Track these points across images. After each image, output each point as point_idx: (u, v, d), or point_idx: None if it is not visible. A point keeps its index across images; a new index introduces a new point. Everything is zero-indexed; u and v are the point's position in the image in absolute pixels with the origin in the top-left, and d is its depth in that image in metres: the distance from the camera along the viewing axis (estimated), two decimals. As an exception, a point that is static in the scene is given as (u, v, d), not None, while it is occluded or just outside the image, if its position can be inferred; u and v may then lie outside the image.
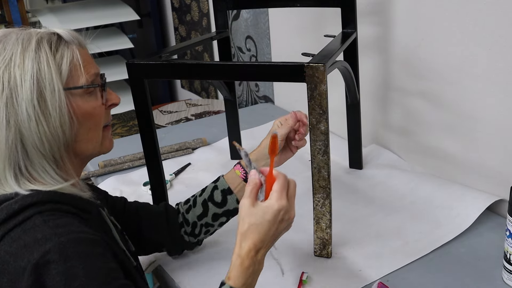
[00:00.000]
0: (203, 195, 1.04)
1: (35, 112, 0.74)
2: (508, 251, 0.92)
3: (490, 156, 1.17)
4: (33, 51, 0.75)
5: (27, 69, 0.74)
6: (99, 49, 2.55)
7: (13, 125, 0.73)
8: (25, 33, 0.77)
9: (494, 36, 1.08)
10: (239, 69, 1.00)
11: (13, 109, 0.73)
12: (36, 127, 0.74)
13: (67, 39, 0.80)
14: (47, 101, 0.74)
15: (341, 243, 1.08)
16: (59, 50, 0.78)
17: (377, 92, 1.44)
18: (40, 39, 0.77)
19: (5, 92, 0.73)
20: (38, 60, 0.75)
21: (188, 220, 1.03)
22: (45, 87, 0.74)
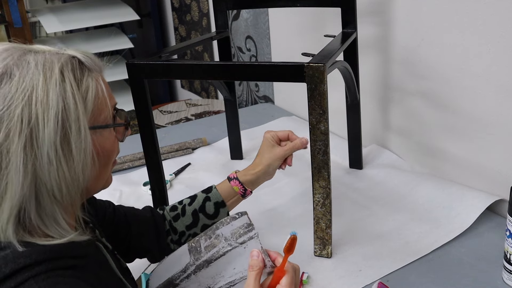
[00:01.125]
0: (193, 205, 1.01)
1: (57, 156, 0.63)
2: (508, 251, 0.92)
3: (490, 156, 1.17)
4: (58, 83, 0.64)
5: (51, 105, 0.63)
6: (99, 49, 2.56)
7: (30, 170, 0.62)
8: (44, 57, 0.65)
9: (494, 36, 1.08)
10: (239, 69, 1.00)
11: (32, 152, 0.62)
12: (56, 172, 0.63)
13: (89, 65, 0.70)
14: (71, 144, 0.64)
15: (341, 243, 1.08)
16: (84, 81, 0.68)
17: (377, 92, 1.44)
18: (63, 66, 0.66)
19: (24, 132, 0.61)
20: (63, 94, 0.64)
21: (176, 229, 1.00)
22: (71, 128, 0.64)
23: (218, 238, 0.84)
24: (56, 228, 0.66)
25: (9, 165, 0.61)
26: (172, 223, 1.01)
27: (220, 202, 1.02)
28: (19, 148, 0.61)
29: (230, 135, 1.51)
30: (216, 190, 1.03)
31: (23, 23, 2.35)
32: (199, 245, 0.86)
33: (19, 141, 0.61)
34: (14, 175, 0.61)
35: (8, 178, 0.61)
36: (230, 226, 0.84)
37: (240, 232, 0.83)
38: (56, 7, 2.82)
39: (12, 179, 0.61)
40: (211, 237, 0.85)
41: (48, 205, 0.65)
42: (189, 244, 0.88)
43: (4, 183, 0.62)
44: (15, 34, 2.36)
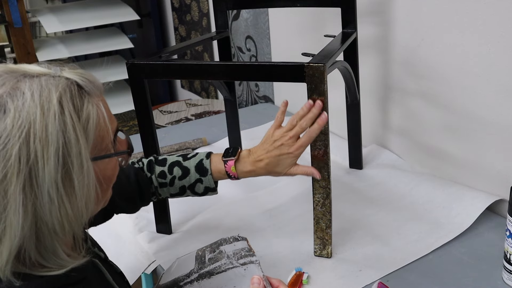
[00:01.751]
0: (184, 181, 1.00)
1: (59, 194, 0.59)
2: (508, 251, 0.92)
3: (490, 156, 1.17)
4: (57, 116, 0.59)
5: (50, 141, 0.58)
6: (99, 49, 2.56)
7: (30, 210, 0.58)
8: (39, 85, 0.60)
9: (494, 36, 1.08)
10: (239, 69, 1.00)
11: (32, 192, 0.58)
12: (58, 211, 0.60)
13: (88, 89, 0.64)
14: (74, 180, 0.60)
15: (341, 243, 1.08)
16: (84, 109, 0.62)
17: (377, 92, 1.44)
18: (61, 95, 0.60)
19: (22, 172, 0.57)
20: (63, 128, 0.59)
21: (160, 194, 1.03)
22: (72, 163, 0.60)
23: (221, 254, 0.86)
24: (55, 261, 0.63)
25: (8, 208, 0.57)
26: (158, 189, 1.02)
27: (212, 188, 1.01)
28: (18, 189, 0.57)
29: (230, 135, 1.51)
30: (210, 178, 1.00)
31: (23, 23, 2.35)
32: (204, 255, 0.88)
33: (18, 181, 0.57)
34: (13, 217, 0.57)
35: (6, 221, 0.58)
36: (233, 246, 0.86)
37: (242, 254, 0.84)
38: (56, 7, 2.82)
39: (11, 221, 0.58)
40: (215, 251, 0.87)
41: (49, 242, 0.61)
42: (197, 252, 0.90)
43: (2, 227, 0.58)
44: (15, 34, 2.36)
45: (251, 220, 1.21)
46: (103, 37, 2.64)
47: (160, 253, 1.11)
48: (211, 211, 1.26)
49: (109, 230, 1.24)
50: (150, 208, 1.20)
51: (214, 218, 1.22)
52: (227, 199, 1.31)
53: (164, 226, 1.18)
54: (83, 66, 0.69)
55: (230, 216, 1.23)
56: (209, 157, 1.01)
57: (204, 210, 1.26)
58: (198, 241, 1.12)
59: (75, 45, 2.57)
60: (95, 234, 1.27)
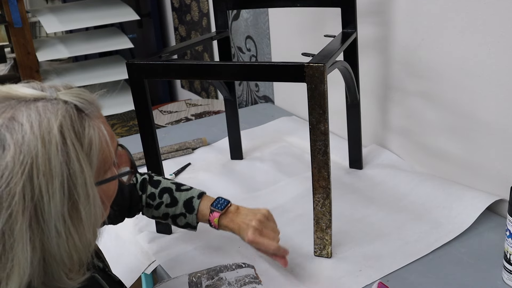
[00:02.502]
0: (169, 210, 1.00)
1: (66, 227, 0.57)
2: (508, 251, 0.92)
3: (490, 156, 1.17)
4: (59, 147, 0.57)
5: (54, 175, 0.56)
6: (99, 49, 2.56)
7: (38, 246, 0.56)
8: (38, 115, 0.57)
9: (495, 36, 1.08)
10: (239, 69, 1.00)
11: (39, 228, 0.56)
12: (66, 244, 0.58)
13: (87, 112, 0.62)
14: (81, 211, 0.59)
15: (341, 243, 1.08)
16: (85, 135, 0.60)
17: (377, 92, 1.44)
18: (61, 124, 0.58)
19: (28, 210, 0.55)
20: (66, 159, 0.57)
21: (144, 213, 1.03)
22: (78, 194, 0.58)
23: (221, 281, 0.84)
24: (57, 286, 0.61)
25: (15, 246, 0.55)
26: (143, 209, 1.02)
27: (193, 226, 1.01)
28: (24, 227, 0.55)
29: (230, 135, 1.51)
30: (194, 217, 0.99)
31: (23, 23, 2.35)
32: (200, 282, 0.85)
33: (24, 219, 0.55)
34: (21, 255, 0.56)
35: (14, 261, 0.56)
36: (235, 273, 0.84)
37: (246, 280, 0.83)
38: (56, 7, 2.82)
39: (19, 260, 0.56)
40: (214, 278, 0.85)
41: (56, 273, 0.60)
42: (190, 278, 0.87)
43: (10, 266, 0.56)
44: (15, 34, 2.36)
45: (251, 220, 1.20)
46: (103, 37, 2.64)
47: (160, 253, 1.11)
48: (211, 211, 1.25)
49: (109, 230, 1.24)
50: (150, 208, 1.20)
51: (214, 218, 1.22)
52: (227, 199, 1.31)
53: (164, 226, 1.18)
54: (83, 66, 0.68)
55: (230, 216, 1.23)
56: (200, 197, 1.00)
57: (204, 210, 1.26)
58: (198, 241, 1.12)
59: (75, 45, 2.57)
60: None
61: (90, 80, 2.42)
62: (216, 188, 1.37)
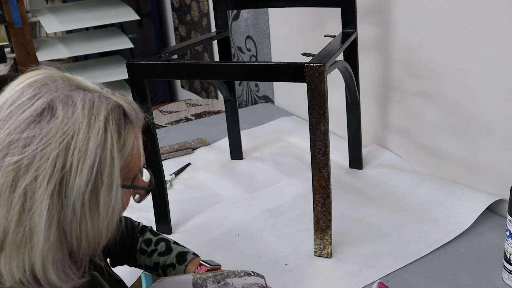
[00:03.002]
0: (161, 259, 0.96)
1: (83, 209, 0.59)
2: (508, 251, 0.92)
3: (490, 156, 1.17)
4: (100, 132, 0.60)
5: (88, 155, 0.58)
6: (99, 49, 2.56)
7: (55, 219, 0.58)
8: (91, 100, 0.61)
9: (495, 36, 1.08)
10: (239, 69, 1.00)
11: (59, 201, 0.58)
12: (79, 225, 0.59)
13: (131, 118, 0.66)
14: (100, 199, 0.60)
15: (341, 243, 1.08)
16: (123, 135, 0.63)
17: (377, 92, 1.44)
18: (109, 114, 0.61)
19: (55, 178, 0.57)
20: (103, 146, 0.60)
21: (137, 260, 0.97)
22: (102, 182, 0.60)
23: (227, 286, 0.83)
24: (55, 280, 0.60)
25: (33, 209, 0.57)
26: (137, 254, 0.98)
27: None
28: (46, 194, 0.57)
29: (230, 135, 1.51)
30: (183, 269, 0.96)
31: (23, 23, 2.35)
32: (206, 284, 0.84)
33: (47, 187, 0.57)
34: (38, 221, 0.57)
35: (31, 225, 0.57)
36: (243, 280, 0.83)
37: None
38: (56, 7, 2.82)
39: (35, 226, 0.57)
40: (220, 282, 0.84)
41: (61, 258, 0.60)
42: (194, 278, 0.86)
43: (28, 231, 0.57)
44: (15, 34, 2.36)
45: (251, 220, 1.21)
46: (103, 37, 2.64)
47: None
48: (211, 211, 1.26)
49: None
50: (150, 208, 1.20)
51: (214, 218, 1.22)
52: (227, 199, 1.31)
53: (164, 226, 1.18)
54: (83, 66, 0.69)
55: (230, 216, 1.23)
56: (195, 256, 0.98)
57: (204, 210, 1.26)
58: (198, 241, 1.12)
59: (75, 45, 2.57)
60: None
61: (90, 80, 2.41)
62: (216, 188, 1.38)
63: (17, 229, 0.57)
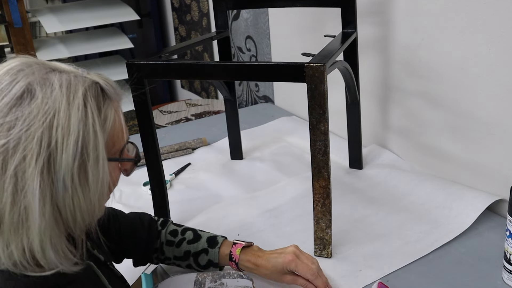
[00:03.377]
0: (191, 247, 0.97)
1: (73, 184, 0.61)
2: (508, 251, 0.92)
3: (490, 156, 1.17)
4: (80, 109, 0.62)
5: (71, 131, 0.61)
6: (99, 49, 2.56)
7: (48, 196, 0.60)
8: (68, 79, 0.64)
9: (494, 36, 1.08)
10: (239, 69, 1.00)
11: (49, 177, 0.60)
12: (71, 200, 0.62)
13: (109, 94, 0.68)
14: (88, 173, 0.63)
15: (341, 243, 1.08)
16: (103, 110, 0.66)
17: (377, 92, 1.44)
18: (86, 91, 0.64)
19: (42, 156, 0.59)
20: (84, 121, 0.62)
21: (165, 252, 0.98)
22: (88, 156, 0.62)
23: (222, 286, 0.85)
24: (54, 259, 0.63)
25: (25, 189, 0.59)
26: (163, 246, 0.98)
27: (215, 263, 0.97)
28: (36, 172, 0.59)
29: (230, 135, 1.51)
30: (217, 252, 0.96)
31: (23, 23, 2.35)
32: (204, 282, 0.86)
33: (36, 165, 0.59)
34: (31, 200, 0.59)
35: (26, 204, 0.59)
36: (236, 282, 0.85)
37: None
38: (56, 7, 2.82)
39: (30, 205, 0.59)
40: (217, 281, 0.86)
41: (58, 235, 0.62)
42: (197, 276, 0.88)
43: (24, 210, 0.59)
44: (15, 34, 2.36)
45: (251, 220, 1.21)
46: (103, 37, 2.64)
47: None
48: (211, 211, 1.26)
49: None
50: (150, 208, 1.20)
51: (214, 218, 1.22)
52: (227, 199, 1.31)
53: (164, 226, 1.18)
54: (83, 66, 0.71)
55: (230, 216, 1.23)
56: (225, 238, 0.98)
57: (204, 210, 1.26)
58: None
59: (75, 45, 2.57)
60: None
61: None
62: (216, 188, 1.38)
63: (12, 210, 0.59)
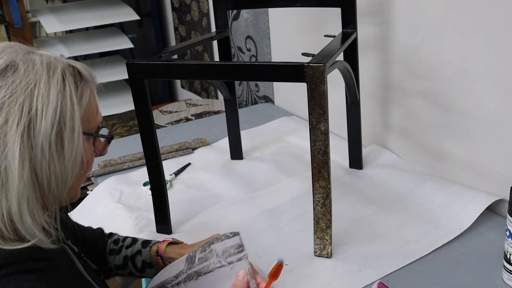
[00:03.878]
0: (128, 251, 0.99)
1: (50, 150, 0.66)
2: (508, 251, 0.92)
3: (490, 156, 1.17)
4: (59, 82, 0.68)
5: (51, 100, 0.67)
6: (99, 49, 2.56)
7: (27, 159, 0.65)
8: (48, 58, 0.70)
9: (494, 36, 1.08)
10: (239, 69, 1.00)
11: (28, 142, 0.65)
12: (48, 165, 0.66)
13: (86, 77, 0.74)
14: (64, 141, 0.68)
15: (341, 243, 1.08)
16: (80, 88, 0.72)
17: (377, 92, 1.44)
18: (65, 69, 0.70)
19: (23, 120, 0.64)
20: (63, 93, 0.68)
21: (108, 262, 1.00)
22: (65, 125, 0.68)
23: (211, 253, 0.84)
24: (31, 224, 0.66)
25: (6, 150, 0.64)
26: (107, 256, 1.00)
27: (148, 262, 0.98)
28: (16, 136, 0.64)
29: (230, 135, 1.51)
30: (148, 250, 0.98)
31: (23, 23, 2.35)
32: (195, 255, 0.86)
33: (17, 129, 0.64)
34: (12, 161, 0.64)
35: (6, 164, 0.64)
36: (223, 244, 0.84)
37: (231, 251, 0.83)
38: (56, 7, 2.82)
39: (10, 166, 0.64)
40: (206, 250, 0.85)
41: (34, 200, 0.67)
42: (188, 254, 0.88)
43: (4, 170, 0.64)
44: (15, 34, 2.36)
45: (251, 220, 1.21)
46: (103, 37, 2.64)
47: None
48: (211, 211, 1.26)
49: (110, 230, 1.24)
50: (150, 208, 1.21)
51: (214, 218, 1.22)
52: (227, 199, 1.31)
53: (164, 226, 1.18)
54: None
55: (230, 216, 1.23)
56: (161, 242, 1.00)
57: (204, 210, 1.27)
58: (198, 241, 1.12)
59: (75, 45, 2.57)
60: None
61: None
62: (216, 188, 1.38)
63: None
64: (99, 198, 1.38)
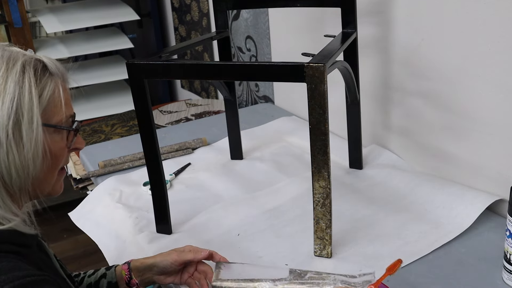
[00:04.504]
0: (91, 278, 1.00)
1: (8, 140, 0.69)
2: (508, 251, 0.92)
3: (490, 156, 1.17)
4: (18, 73, 0.70)
5: (7, 91, 0.69)
6: (99, 49, 2.56)
7: None
8: (10, 52, 0.72)
9: (494, 36, 1.08)
10: (239, 69, 1.00)
11: None
12: (6, 155, 0.69)
13: (52, 70, 0.76)
14: (22, 131, 0.70)
15: (341, 243, 1.08)
16: (42, 81, 0.73)
17: (377, 92, 1.44)
18: (26, 63, 0.72)
19: None
20: (20, 84, 0.70)
21: None
22: (23, 116, 0.69)
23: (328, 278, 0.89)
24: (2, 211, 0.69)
25: None
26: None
27: (114, 283, 0.98)
28: None
29: (230, 135, 1.51)
30: (113, 271, 1.00)
31: (23, 23, 2.35)
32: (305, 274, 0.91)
33: None
34: None
35: None
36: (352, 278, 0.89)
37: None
38: (56, 7, 2.82)
39: None
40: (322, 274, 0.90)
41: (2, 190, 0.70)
42: (291, 268, 0.93)
43: None
44: (15, 34, 2.36)
45: (251, 220, 1.21)
46: (103, 37, 2.64)
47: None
48: (211, 211, 1.26)
49: (109, 230, 1.24)
50: (150, 208, 1.20)
51: (214, 218, 1.22)
52: (227, 199, 1.31)
53: (164, 226, 1.18)
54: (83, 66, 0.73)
55: (230, 216, 1.23)
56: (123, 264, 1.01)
57: (204, 210, 1.26)
58: (198, 241, 1.12)
59: (75, 45, 2.57)
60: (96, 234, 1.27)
61: (90, 80, 2.42)
62: (216, 188, 1.38)
63: None
64: (99, 198, 1.38)
